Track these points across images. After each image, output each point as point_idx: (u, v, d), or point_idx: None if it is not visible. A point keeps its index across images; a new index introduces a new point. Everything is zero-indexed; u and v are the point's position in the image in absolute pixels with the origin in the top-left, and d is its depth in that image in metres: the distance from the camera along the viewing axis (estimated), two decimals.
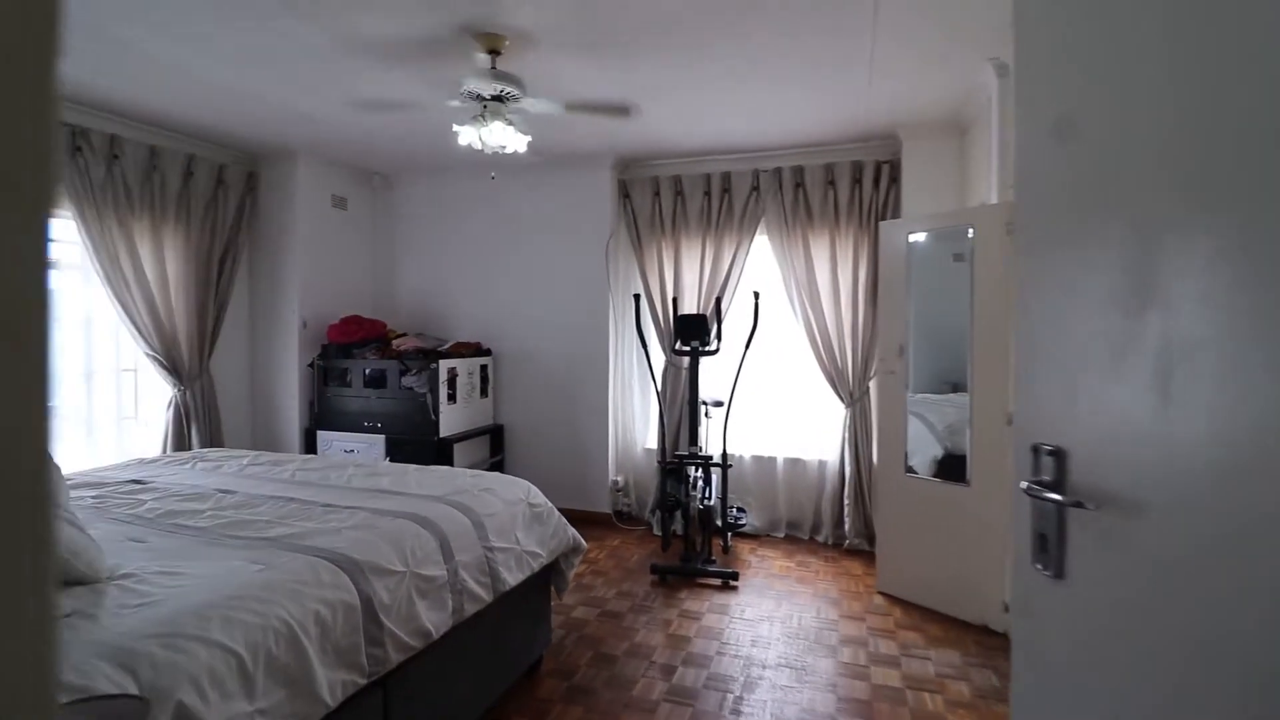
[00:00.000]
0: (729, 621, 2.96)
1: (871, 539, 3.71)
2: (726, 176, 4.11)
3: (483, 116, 2.51)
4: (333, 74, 2.93)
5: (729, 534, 3.81)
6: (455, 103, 2.58)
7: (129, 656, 1.13)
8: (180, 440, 3.92)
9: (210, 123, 3.70)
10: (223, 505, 2.11)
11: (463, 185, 4.67)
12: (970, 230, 2.91)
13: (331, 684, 1.47)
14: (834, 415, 3.98)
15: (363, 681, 1.57)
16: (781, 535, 4.13)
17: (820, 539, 4.04)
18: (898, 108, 3.35)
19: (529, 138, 2.69)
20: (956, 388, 3.15)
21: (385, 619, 1.65)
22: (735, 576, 3.37)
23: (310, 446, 4.34)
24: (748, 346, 3.55)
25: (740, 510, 4.04)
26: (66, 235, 3.40)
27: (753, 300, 3.56)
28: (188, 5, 2.34)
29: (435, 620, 1.82)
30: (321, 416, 4.38)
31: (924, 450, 3.25)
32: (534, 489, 2.56)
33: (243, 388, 4.45)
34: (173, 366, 3.86)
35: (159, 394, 3.90)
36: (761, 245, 4.13)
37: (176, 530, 1.86)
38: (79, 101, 3.28)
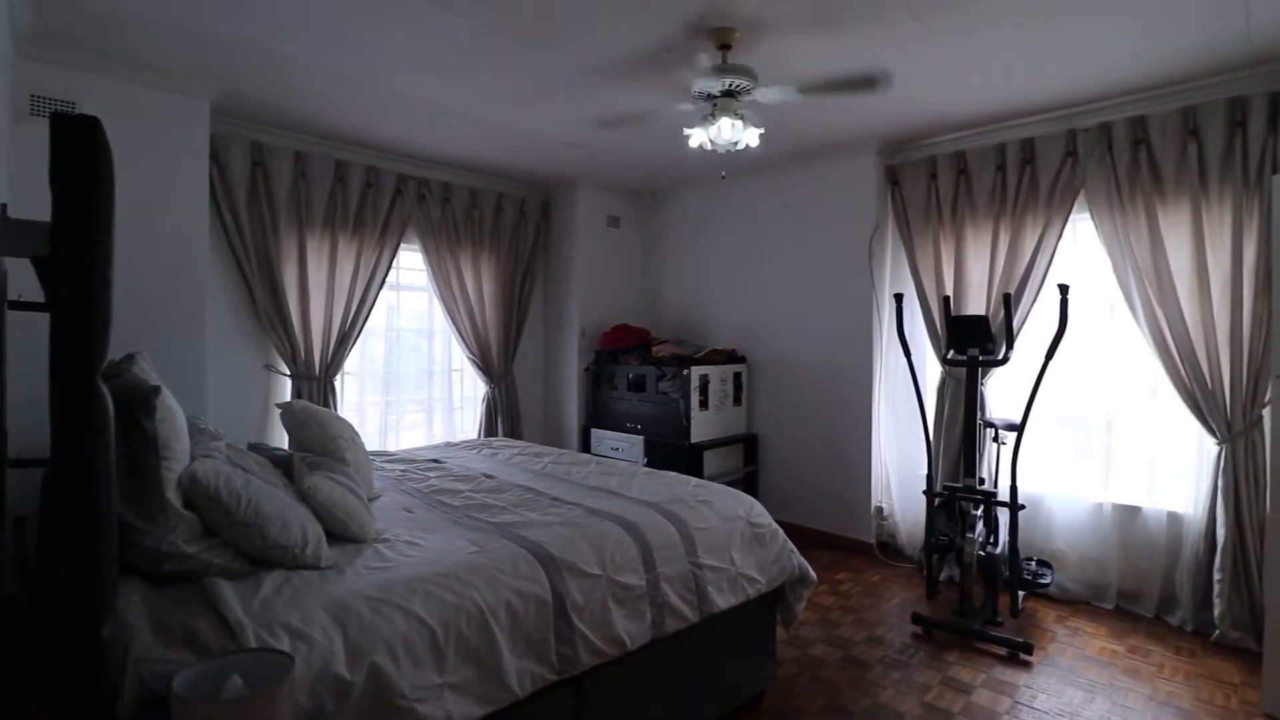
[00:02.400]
0: (1010, 706, 2.33)
1: (1259, 635, 2.57)
2: (1028, 144, 3.31)
3: (711, 115, 2.43)
4: (589, 102, 3.18)
5: (1021, 592, 3.03)
6: (687, 106, 2.55)
7: (344, 613, 1.32)
8: (490, 428, 4.71)
9: (513, 164, 4.39)
10: (480, 488, 2.41)
11: (720, 193, 4.69)
12: None
13: (520, 673, 1.53)
14: (1198, 453, 2.88)
15: (552, 677, 1.60)
16: (1109, 606, 3.14)
17: (1173, 621, 2.95)
18: None
19: (761, 130, 2.51)
20: None
21: (577, 620, 1.66)
22: (1029, 649, 2.66)
23: (585, 442, 4.81)
24: (1050, 355, 2.78)
25: (1042, 564, 3.19)
26: (417, 264, 4.38)
27: (1059, 297, 2.77)
28: (507, 82, 2.91)
29: (631, 630, 1.78)
30: (594, 416, 4.83)
31: None
32: (758, 507, 2.36)
33: (537, 387, 5.15)
34: (486, 368, 4.66)
35: (477, 390, 4.76)
36: (1076, 227, 3.23)
37: (438, 506, 2.18)
38: (426, 159, 4.19)
